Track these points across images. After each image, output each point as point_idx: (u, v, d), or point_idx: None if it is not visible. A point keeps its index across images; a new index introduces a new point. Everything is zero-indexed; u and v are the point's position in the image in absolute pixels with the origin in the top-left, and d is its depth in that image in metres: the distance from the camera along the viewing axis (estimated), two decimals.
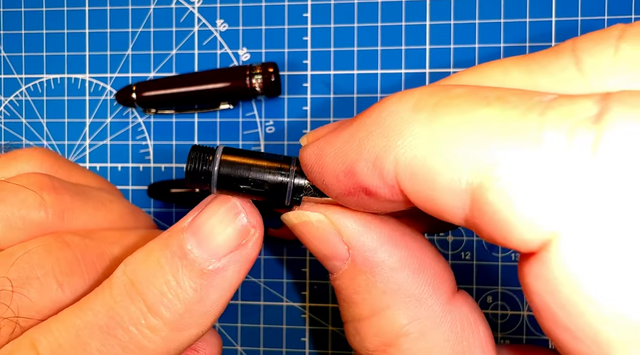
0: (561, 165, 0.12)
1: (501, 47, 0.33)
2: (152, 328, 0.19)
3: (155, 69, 0.35)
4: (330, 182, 0.17)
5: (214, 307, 0.20)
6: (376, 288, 0.18)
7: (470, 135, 0.13)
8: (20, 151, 0.26)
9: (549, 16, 0.32)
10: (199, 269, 0.19)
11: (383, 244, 0.18)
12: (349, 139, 0.16)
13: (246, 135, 0.35)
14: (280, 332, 0.34)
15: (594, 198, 0.12)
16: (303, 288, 0.34)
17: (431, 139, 0.14)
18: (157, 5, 0.35)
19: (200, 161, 0.19)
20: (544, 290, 0.13)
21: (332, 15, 0.34)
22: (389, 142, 0.15)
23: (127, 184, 0.35)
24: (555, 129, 0.12)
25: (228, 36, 0.35)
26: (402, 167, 0.14)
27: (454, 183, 0.13)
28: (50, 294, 0.21)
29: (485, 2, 0.33)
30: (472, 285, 0.33)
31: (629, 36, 0.15)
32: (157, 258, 0.19)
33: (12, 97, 0.36)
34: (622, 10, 0.32)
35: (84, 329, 0.19)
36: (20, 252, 0.21)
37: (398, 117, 0.15)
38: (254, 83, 0.32)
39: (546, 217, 0.12)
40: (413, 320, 0.18)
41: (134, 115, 0.35)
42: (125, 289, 0.19)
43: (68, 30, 0.36)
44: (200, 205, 0.20)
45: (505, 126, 0.13)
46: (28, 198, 0.23)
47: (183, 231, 0.20)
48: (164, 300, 0.19)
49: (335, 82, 0.34)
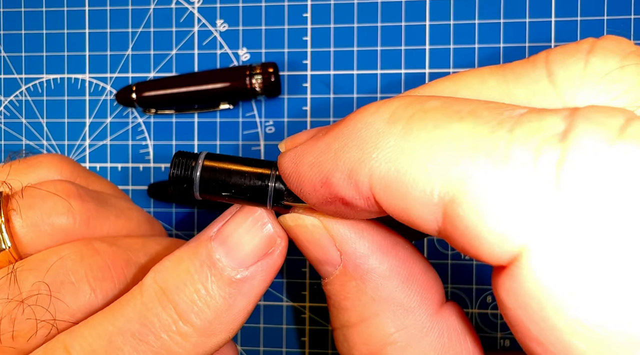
0: (528, 181, 0.12)
1: (501, 47, 0.33)
2: (183, 334, 0.19)
3: (155, 69, 0.35)
4: (307, 191, 0.17)
5: (241, 314, 0.20)
6: (365, 295, 0.18)
7: (442, 151, 0.14)
8: (40, 157, 0.26)
9: (549, 16, 0.32)
10: (227, 278, 0.20)
11: (374, 252, 0.18)
12: (325, 149, 0.16)
13: (246, 135, 0.35)
14: (280, 332, 0.34)
15: (559, 213, 0.12)
16: (303, 288, 0.34)
17: (405, 153, 0.14)
18: (157, 5, 0.35)
19: (183, 167, 0.19)
20: (515, 304, 0.13)
21: (332, 15, 0.34)
22: (364, 155, 0.15)
23: (127, 184, 0.35)
24: (522, 146, 0.13)
25: (228, 36, 0.35)
26: (376, 180, 0.15)
27: (427, 196, 0.14)
28: (84, 298, 0.22)
29: (485, 2, 0.33)
30: (471, 285, 0.33)
31: (598, 50, 0.16)
32: (186, 267, 0.20)
33: (12, 97, 0.36)
34: (622, 11, 0.32)
35: (116, 335, 0.19)
36: (53, 257, 0.22)
37: (373, 129, 0.15)
38: (253, 83, 0.32)
39: (514, 231, 0.13)
40: (400, 329, 0.18)
41: (134, 115, 0.35)
42: (157, 296, 0.20)
43: (68, 30, 0.36)
44: (226, 214, 0.21)
45: (475, 142, 0.13)
46: (57, 205, 0.23)
47: (211, 240, 0.20)
48: (194, 308, 0.20)
49: (335, 82, 0.34)
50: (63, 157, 0.27)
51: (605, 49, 0.16)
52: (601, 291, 0.12)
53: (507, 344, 0.33)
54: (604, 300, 0.12)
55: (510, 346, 0.33)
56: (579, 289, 0.12)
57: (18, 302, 0.20)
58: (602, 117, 0.12)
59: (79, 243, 0.23)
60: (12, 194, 0.23)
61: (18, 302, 0.20)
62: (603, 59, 0.15)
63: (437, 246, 0.33)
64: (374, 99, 0.34)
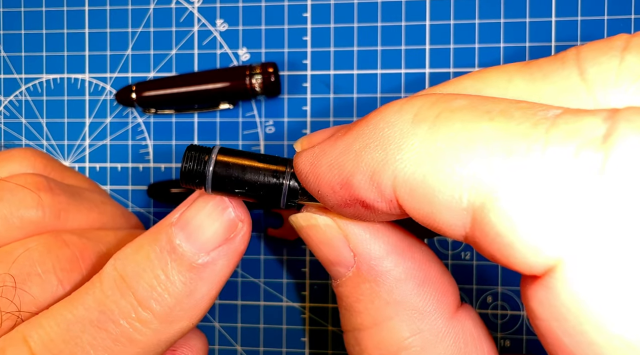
0: (567, 188, 0.12)
1: (501, 47, 0.33)
2: (143, 321, 0.19)
3: (155, 69, 0.35)
4: (325, 192, 0.17)
5: (204, 300, 0.20)
6: (379, 298, 0.18)
7: (472, 153, 0.13)
8: (12, 151, 0.26)
9: (549, 16, 0.32)
10: (188, 263, 0.19)
11: (389, 253, 0.18)
12: (345, 149, 0.16)
13: (246, 135, 0.35)
14: (280, 332, 0.34)
15: (601, 223, 0.11)
16: (303, 288, 0.34)
17: (431, 156, 0.13)
18: (157, 5, 0.35)
19: (196, 161, 0.19)
20: (549, 317, 0.13)
21: (332, 15, 0.34)
22: (388, 156, 0.14)
23: (127, 184, 0.35)
24: (560, 150, 0.12)
25: (228, 36, 0.35)
26: (400, 183, 0.14)
27: (455, 202, 0.13)
28: (50, 289, 0.21)
29: (485, 2, 0.33)
30: (472, 285, 0.33)
31: (634, 47, 0.15)
32: (146, 252, 0.20)
33: (11, 97, 0.36)
34: (622, 10, 0.32)
35: (75, 323, 0.19)
36: (20, 249, 0.22)
37: (397, 129, 0.14)
38: (253, 83, 0.32)
39: (551, 242, 0.12)
40: (415, 334, 0.17)
41: (134, 115, 0.35)
42: (116, 283, 0.19)
43: (68, 30, 0.36)
44: (188, 201, 0.20)
45: (508, 144, 0.12)
46: (26, 197, 0.23)
47: (171, 226, 0.20)
48: (153, 294, 0.19)
49: (335, 82, 0.34)
50: (36, 151, 0.27)
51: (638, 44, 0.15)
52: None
53: (508, 344, 0.33)
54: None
55: (510, 346, 0.33)
56: (620, 303, 0.11)
57: None
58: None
59: (47, 235, 0.23)
60: None
61: None
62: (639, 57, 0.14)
63: (437, 246, 0.33)
64: (374, 99, 0.34)
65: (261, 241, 0.35)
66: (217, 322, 0.35)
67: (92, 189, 0.29)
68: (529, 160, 0.12)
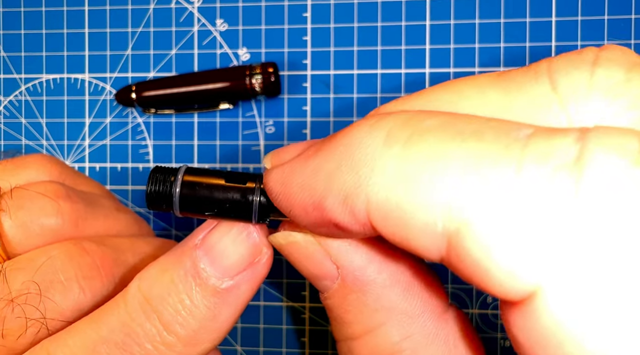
0: (541, 213, 0.12)
1: (501, 47, 0.33)
2: (167, 344, 0.19)
3: (155, 69, 0.35)
4: (298, 213, 0.16)
5: (227, 323, 0.20)
6: (367, 307, 0.18)
7: (444, 178, 0.13)
8: (28, 158, 0.27)
9: (549, 16, 0.32)
10: (212, 288, 0.19)
11: (372, 262, 0.18)
12: (316, 170, 0.15)
13: (246, 135, 0.35)
14: (280, 332, 0.34)
15: (579, 247, 0.11)
16: (303, 288, 0.34)
17: (404, 180, 0.13)
18: (157, 5, 0.35)
19: (161, 183, 0.18)
20: (531, 342, 0.12)
21: (332, 15, 0.34)
22: (360, 180, 0.14)
23: (127, 184, 0.35)
24: (533, 173, 0.12)
25: (228, 36, 0.35)
26: (374, 208, 0.14)
27: (429, 227, 0.13)
28: (73, 297, 0.22)
29: (485, 2, 0.33)
30: (472, 286, 0.33)
31: (603, 61, 0.15)
32: (171, 276, 0.20)
33: (11, 97, 0.36)
34: (622, 11, 0.32)
35: (100, 344, 0.19)
36: (42, 257, 0.22)
37: (369, 151, 0.14)
38: (253, 83, 0.32)
39: (528, 268, 0.12)
40: (406, 337, 0.17)
41: (134, 115, 0.35)
42: (140, 306, 0.19)
43: (67, 30, 0.36)
44: (211, 222, 0.20)
45: (480, 168, 0.12)
46: (46, 205, 0.23)
47: (196, 248, 0.20)
48: (179, 319, 0.19)
49: (335, 82, 0.34)
50: (51, 158, 0.27)
51: (610, 60, 0.15)
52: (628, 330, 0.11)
53: (507, 344, 0.33)
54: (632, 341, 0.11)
55: (510, 347, 0.33)
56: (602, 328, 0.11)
57: (7, 301, 0.20)
58: (615, 141, 0.12)
59: (68, 243, 0.23)
60: (1, 194, 0.23)
61: (7, 301, 0.20)
62: (609, 71, 0.14)
63: None
64: (374, 99, 0.34)
65: None
66: None
67: (105, 196, 0.30)
68: (502, 184, 0.12)
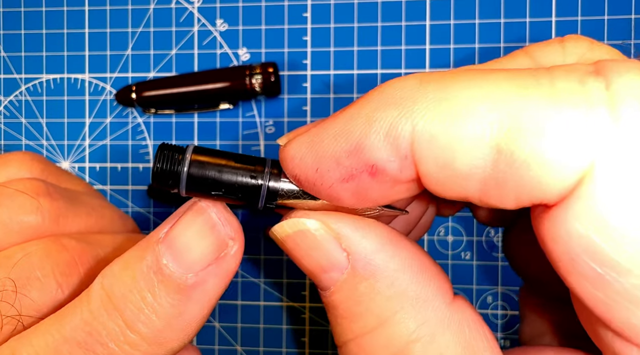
0: (579, 105, 0.13)
1: (501, 47, 0.33)
2: (131, 344, 0.19)
3: (155, 69, 0.35)
4: (327, 167, 0.16)
5: (194, 320, 0.19)
6: (380, 294, 0.17)
7: (487, 92, 0.14)
8: (9, 155, 0.26)
9: (549, 16, 0.32)
10: (175, 284, 0.18)
11: (384, 246, 0.17)
12: (353, 116, 0.16)
13: (246, 135, 0.35)
14: (280, 332, 0.34)
15: (616, 132, 0.13)
16: (303, 288, 0.34)
17: (450, 100, 0.14)
18: (157, 5, 0.35)
19: (169, 161, 0.18)
20: (571, 245, 0.13)
21: (332, 15, 0.34)
22: (404, 110, 0.15)
23: (127, 184, 0.35)
24: (566, 79, 0.13)
25: (228, 36, 0.35)
26: (419, 132, 0.14)
27: (478, 139, 0.14)
28: (50, 293, 0.21)
29: (485, 2, 0.33)
30: (472, 285, 0.33)
31: (569, 39, 0.18)
32: (132, 272, 0.19)
33: (11, 97, 0.36)
34: (622, 10, 0.32)
35: (63, 344, 0.18)
36: (19, 254, 0.22)
37: (407, 89, 0.15)
38: (253, 83, 0.32)
39: (576, 152, 0.13)
40: (422, 323, 0.17)
41: (134, 115, 0.35)
42: (102, 303, 0.19)
43: (68, 30, 0.36)
44: (177, 214, 0.20)
45: (519, 83, 0.14)
46: (25, 203, 0.23)
47: (158, 243, 0.19)
48: (141, 317, 0.18)
49: (335, 82, 0.34)
50: (34, 155, 0.27)
51: (572, 38, 0.18)
52: None
53: (508, 344, 0.33)
54: None
55: (510, 346, 0.33)
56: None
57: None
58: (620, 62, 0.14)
59: (46, 239, 0.23)
60: None
61: None
62: (576, 43, 0.17)
63: (437, 246, 0.33)
64: None
65: (261, 241, 0.35)
66: (217, 322, 0.35)
67: (89, 193, 0.29)
68: (540, 90, 0.13)
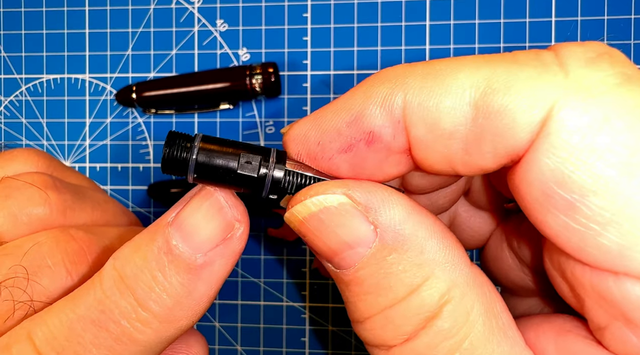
0: (537, 67, 0.16)
1: (501, 47, 0.33)
2: (143, 321, 0.20)
3: (155, 69, 0.35)
4: (329, 138, 0.18)
5: (203, 299, 0.20)
6: (411, 263, 0.17)
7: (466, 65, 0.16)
8: (16, 151, 0.27)
9: (549, 16, 0.32)
10: (185, 264, 0.20)
11: (410, 215, 0.18)
12: (353, 94, 0.18)
13: (246, 135, 0.35)
14: (280, 332, 0.34)
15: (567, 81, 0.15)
16: (303, 288, 0.34)
17: (434, 73, 0.17)
18: (157, 5, 0.35)
19: (179, 148, 0.19)
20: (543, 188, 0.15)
21: (332, 15, 0.34)
22: (397, 83, 0.17)
23: (127, 184, 0.35)
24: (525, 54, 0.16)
25: (228, 36, 0.35)
26: (410, 100, 0.17)
27: (459, 100, 0.16)
28: (60, 281, 0.22)
29: (485, 2, 0.33)
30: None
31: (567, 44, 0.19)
32: (144, 253, 0.20)
33: (12, 97, 0.36)
34: (622, 11, 0.32)
35: (77, 322, 0.19)
36: (29, 243, 0.22)
37: (400, 69, 0.17)
38: (253, 83, 0.32)
39: (538, 99, 0.15)
40: (453, 286, 0.17)
41: (134, 116, 0.35)
42: (115, 283, 0.20)
43: (68, 30, 0.36)
44: (184, 199, 0.21)
45: (489, 58, 0.16)
46: (34, 195, 0.24)
47: (168, 226, 0.20)
48: (152, 295, 0.19)
49: (335, 82, 0.34)
50: (39, 151, 0.28)
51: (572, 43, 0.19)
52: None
53: None
54: None
55: None
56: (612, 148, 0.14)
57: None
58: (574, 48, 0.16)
59: (55, 230, 0.23)
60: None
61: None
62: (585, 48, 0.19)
63: None
64: None
65: (261, 241, 0.35)
66: (217, 322, 0.35)
67: (93, 188, 0.30)
68: (507, 60, 0.16)
